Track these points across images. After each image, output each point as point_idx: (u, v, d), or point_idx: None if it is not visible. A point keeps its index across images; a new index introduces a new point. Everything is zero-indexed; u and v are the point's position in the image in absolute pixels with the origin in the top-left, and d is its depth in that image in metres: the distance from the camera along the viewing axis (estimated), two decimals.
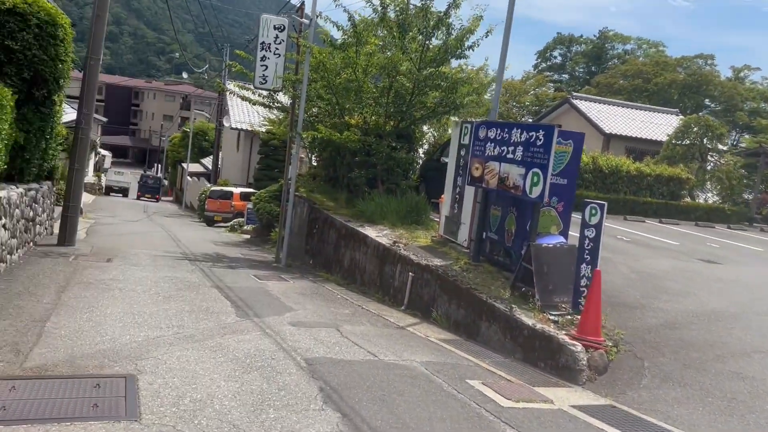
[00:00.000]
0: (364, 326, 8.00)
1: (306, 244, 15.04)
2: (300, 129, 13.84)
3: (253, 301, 9.00)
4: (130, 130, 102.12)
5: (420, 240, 11.19)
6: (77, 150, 13.00)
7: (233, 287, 10.06)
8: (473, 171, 9.55)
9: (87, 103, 13.01)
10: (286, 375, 5.40)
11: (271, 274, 12.28)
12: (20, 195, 10.39)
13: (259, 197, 20.44)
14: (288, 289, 10.52)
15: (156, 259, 12.64)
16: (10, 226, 9.61)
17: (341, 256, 12.59)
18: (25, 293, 7.89)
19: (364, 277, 11.40)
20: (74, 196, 13.08)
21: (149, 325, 6.79)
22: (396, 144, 13.96)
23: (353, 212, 13.60)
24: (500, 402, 5.37)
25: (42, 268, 9.89)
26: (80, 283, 8.97)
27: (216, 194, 28.35)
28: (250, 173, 35.70)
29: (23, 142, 11.68)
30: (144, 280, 9.81)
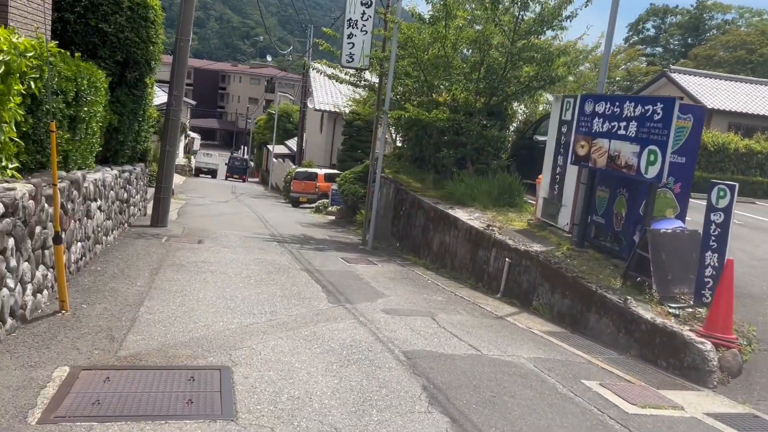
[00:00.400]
0: (460, 315, 7.53)
1: (392, 227, 14.68)
2: (387, 108, 13.41)
3: (343, 285, 8.71)
4: (218, 113, 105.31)
5: (515, 223, 10.56)
6: (168, 132, 13.13)
7: (322, 270, 9.81)
8: (578, 149, 8.81)
9: (177, 85, 13.09)
10: (385, 370, 5.02)
11: (358, 257, 11.99)
12: (114, 177, 10.53)
13: (344, 178, 20.26)
14: (377, 274, 10.18)
15: (245, 240, 12.63)
16: (105, 207, 9.73)
17: (430, 239, 12.14)
18: (120, 275, 7.91)
19: (455, 262, 10.91)
20: (166, 177, 13.24)
21: (242, 311, 6.59)
22: (487, 122, 13.29)
23: (442, 194, 13.09)
24: (624, 407, 4.78)
25: (136, 249, 9.99)
26: (173, 265, 8.95)
27: (301, 175, 28.51)
28: (333, 154, 35.77)
29: (117, 124, 11.85)
30: (235, 262, 9.73)
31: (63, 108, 7.64)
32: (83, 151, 9.12)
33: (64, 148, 7.96)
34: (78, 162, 8.84)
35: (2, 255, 4.83)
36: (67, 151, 8.12)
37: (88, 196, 8.31)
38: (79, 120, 8.46)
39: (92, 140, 9.59)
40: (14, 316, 5.14)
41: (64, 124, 7.84)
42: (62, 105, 7.59)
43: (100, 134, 10.75)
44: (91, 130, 9.37)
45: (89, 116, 9.01)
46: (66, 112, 7.79)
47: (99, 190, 9.12)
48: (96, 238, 8.98)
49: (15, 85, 5.97)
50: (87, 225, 8.29)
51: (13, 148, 6.27)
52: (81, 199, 7.87)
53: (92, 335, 5.24)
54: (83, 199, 8.04)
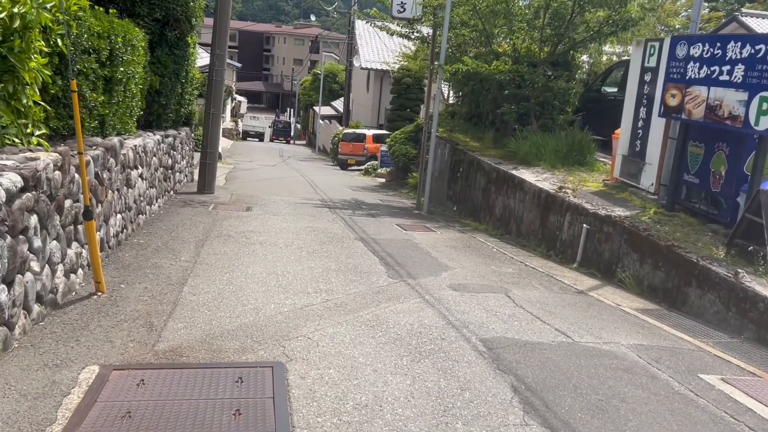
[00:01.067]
0: (537, 291, 6.69)
1: (448, 189, 13.80)
2: (442, 61, 12.39)
3: (402, 256, 7.95)
4: (263, 75, 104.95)
5: (589, 184, 9.55)
6: (212, 93, 12.48)
7: (378, 239, 9.08)
8: (667, 99, 7.71)
9: (220, 43, 12.37)
10: (464, 365, 4.25)
11: (414, 223, 11.21)
12: (157, 142, 9.95)
13: (394, 139, 19.38)
14: (436, 242, 9.38)
15: (295, 207, 11.98)
16: (148, 175, 9.17)
17: (491, 203, 11.23)
18: (164, 249, 7.34)
19: (521, 228, 10.01)
20: (211, 141, 12.65)
21: (295, 290, 5.91)
22: (552, 73, 12.15)
23: (503, 153, 12.11)
24: (760, 411, 3.91)
25: (181, 219, 9.44)
26: (219, 236, 8.35)
27: (349, 137, 27.71)
28: (381, 114, 34.79)
29: (158, 86, 11.24)
30: (285, 231, 9.08)
31: (96, 68, 6.98)
32: (122, 116, 8.52)
33: (99, 112, 7.34)
34: (116, 127, 8.25)
35: (24, 235, 4.22)
36: (103, 116, 7.50)
37: (127, 164, 7.72)
38: (115, 81, 7.82)
39: (131, 103, 8.98)
40: (42, 302, 4.57)
41: (99, 85, 7.20)
42: (95, 65, 6.94)
43: (140, 97, 10.16)
44: (129, 92, 8.76)
45: (127, 77, 8.38)
46: (100, 72, 7.14)
47: (140, 156, 8.54)
48: (138, 208, 8.44)
49: (36, 42, 5.31)
50: (127, 195, 7.72)
51: (39, 114, 5.66)
52: (119, 167, 7.28)
53: (128, 323, 4.63)
54: (122, 168, 7.46)
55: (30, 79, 5.29)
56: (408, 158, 18.40)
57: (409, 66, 17.55)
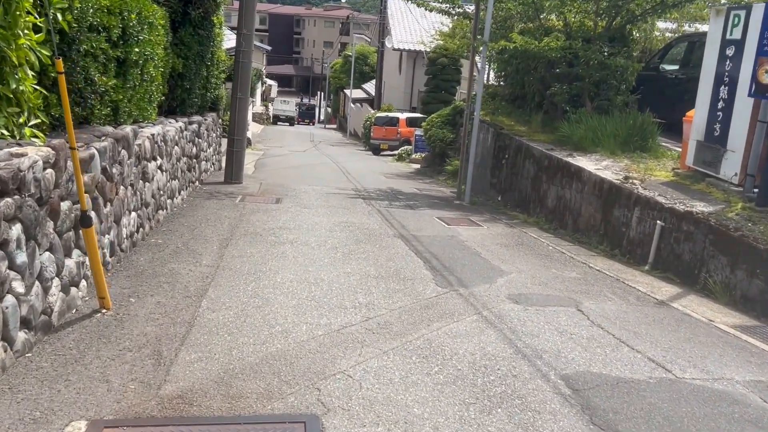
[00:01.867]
0: (611, 302, 5.74)
1: (491, 177, 12.82)
2: (487, 37, 11.35)
3: (448, 258, 7.06)
4: (293, 58, 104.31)
5: (657, 173, 8.50)
6: (239, 76, 11.67)
7: (420, 236, 8.19)
8: (760, 75, 6.62)
9: (246, 23, 11.52)
10: (548, 417, 3.36)
11: (457, 216, 10.28)
12: (179, 130, 9.17)
13: (430, 122, 18.39)
14: (484, 238, 8.46)
15: (328, 198, 11.15)
16: (169, 167, 8.41)
17: (543, 193, 10.23)
18: (183, 250, 6.56)
19: (578, 222, 9.01)
20: (239, 128, 11.87)
21: (330, 304, 5.07)
22: (608, 49, 11.02)
23: (554, 138, 11.07)
24: None
25: (205, 213, 8.67)
26: (246, 234, 7.56)
27: (381, 121, 26.74)
28: (413, 97, 33.73)
29: (181, 69, 10.47)
30: (317, 227, 8.25)
31: (106, 48, 6.18)
32: (139, 101, 7.75)
33: (112, 97, 6.56)
34: (133, 114, 7.48)
35: (2, 250, 3.44)
36: (116, 102, 6.72)
37: (143, 155, 6.95)
38: (129, 63, 7.03)
39: (150, 88, 8.21)
40: (31, 328, 3.81)
41: (110, 68, 6.41)
42: (105, 44, 6.13)
43: (161, 81, 9.40)
44: (148, 75, 7.98)
45: (144, 59, 7.59)
46: (111, 53, 6.34)
47: (158, 146, 7.77)
48: (158, 203, 7.68)
49: (24, 14, 4.51)
50: (144, 190, 6.96)
51: (35, 100, 4.87)
52: (133, 159, 6.50)
53: (133, 352, 3.84)
54: (136, 160, 6.68)
55: (19, 59, 4.50)
56: (445, 143, 17.42)
57: (446, 45, 16.51)
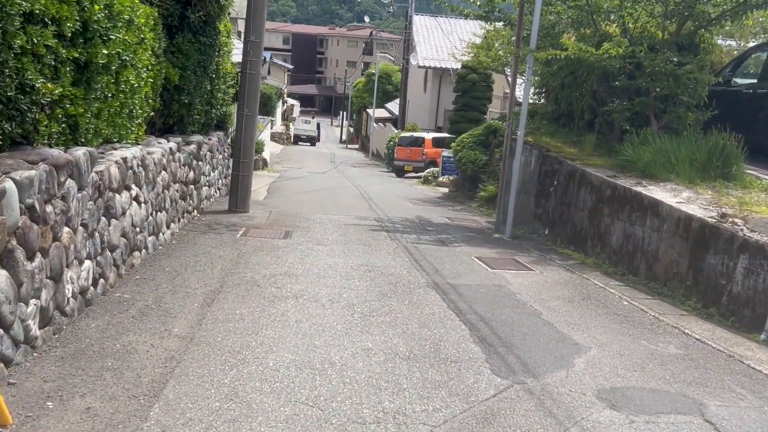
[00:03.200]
0: (744, 402, 4.01)
1: (535, 206, 11.11)
2: (534, 44, 9.71)
3: (501, 321, 5.38)
4: (316, 78, 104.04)
5: (758, 209, 6.74)
6: (246, 90, 10.18)
7: (458, 286, 6.53)
8: None
9: (255, 28, 10.05)
10: None
11: (500, 255, 8.59)
12: (167, 152, 7.66)
13: (460, 143, 16.76)
14: (540, 289, 6.76)
15: (346, 231, 9.54)
16: (151, 197, 6.88)
17: (604, 229, 8.51)
18: (154, 310, 4.98)
19: (655, 268, 7.27)
20: (245, 149, 10.35)
21: (340, 415, 3.43)
22: (678, 58, 9.31)
23: (614, 162, 9.36)
24: None
25: (196, 253, 7.11)
26: (240, 283, 5.97)
27: (406, 141, 25.17)
28: (439, 116, 32.25)
29: (178, 80, 9.03)
30: (331, 273, 6.63)
31: (55, 46, 4.68)
32: (113, 117, 6.28)
33: (68, 111, 5.07)
34: (102, 132, 6.00)
35: None
36: (75, 117, 5.22)
37: (107, 185, 5.41)
38: (95, 68, 5.55)
39: (131, 100, 6.74)
40: None
41: (64, 72, 4.91)
42: (52, 41, 4.64)
43: (152, 93, 7.98)
44: (126, 85, 6.52)
45: (119, 64, 6.12)
46: (64, 53, 4.84)
47: (135, 173, 6.24)
48: (132, 243, 6.13)
49: None
50: (107, 230, 5.41)
51: None
52: (89, 191, 4.96)
53: None
54: (95, 191, 5.15)
55: None
56: (477, 166, 15.75)
57: (478, 58, 14.96)
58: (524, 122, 10.09)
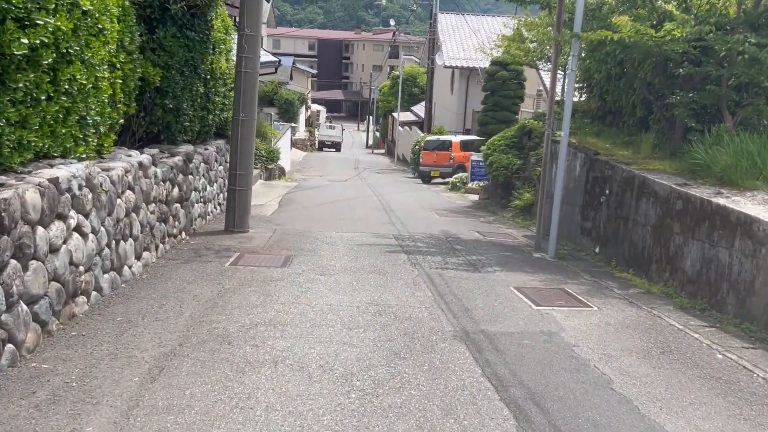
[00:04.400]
0: None
1: (582, 219, 9.49)
2: (579, 26, 8.12)
3: (559, 401, 3.84)
4: (342, 83, 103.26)
5: None
6: (242, 91, 8.79)
7: (495, 335, 5.00)
8: None
9: (249, 20, 8.66)
10: None
11: (545, 283, 7.02)
12: (135, 168, 6.26)
13: (491, 146, 15.17)
14: (603, 337, 5.19)
15: (358, 253, 8.07)
16: (108, 224, 5.50)
17: (675, 250, 6.88)
18: (72, 392, 3.57)
19: (749, 304, 5.63)
20: (242, 160, 8.95)
21: None
22: (756, 39, 7.63)
23: (681, 167, 7.73)
24: None
25: (165, 293, 5.70)
26: (206, 341, 4.53)
27: (432, 145, 23.60)
28: (467, 118, 30.63)
29: (159, 81, 7.72)
30: (329, 320, 5.16)
31: None
32: (53, 125, 4.96)
33: None
34: (31, 146, 4.65)
35: None
36: None
37: (21, 217, 4.03)
38: (8, 61, 4.22)
39: (83, 105, 5.44)
40: None
41: None
42: None
43: (122, 96, 6.69)
44: (73, 85, 5.21)
45: (57, 58, 4.82)
46: None
47: (74, 197, 4.85)
48: (70, 288, 4.74)
49: None
50: (21, 277, 4.02)
51: None
52: None
53: None
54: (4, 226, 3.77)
55: None
56: (510, 171, 14.15)
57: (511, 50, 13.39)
58: (568, 121, 8.48)
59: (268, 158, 18.08)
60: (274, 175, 18.91)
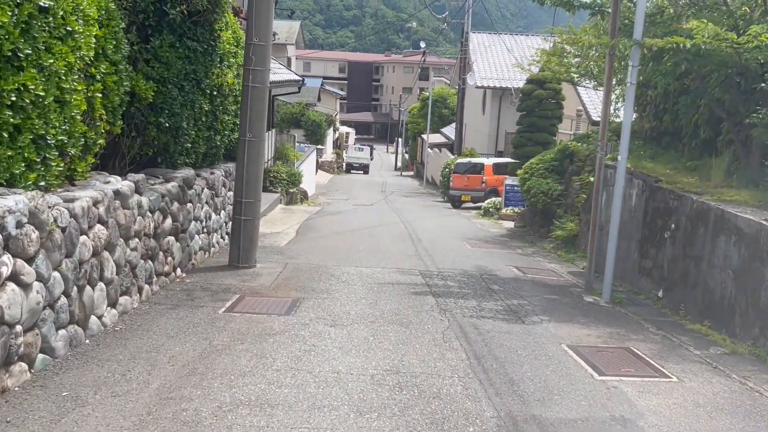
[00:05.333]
0: None
1: (640, 256, 8.18)
2: (640, 33, 6.92)
3: None
4: (372, 105, 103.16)
5: None
6: (249, 108, 7.75)
7: (551, 424, 3.78)
8: None
9: (258, 29, 7.64)
10: None
11: (604, 339, 5.76)
12: (109, 198, 5.21)
13: (528, 170, 13.94)
14: (694, 426, 3.92)
15: (378, 295, 6.91)
16: (67, 267, 4.43)
17: (766, 301, 5.55)
18: None
19: None
20: (248, 186, 7.88)
21: None
22: None
23: (765, 197, 6.43)
24: None
25: (134, 353, 4.59)
26: (168, 431, 3.41)
27: (462, 167, 22.40)
28: (500, 140, 29.44)
29: (152, 97, 6.76)
30: (334, 399, 3.99)
31: None
32: None
33: None
34: None
35: None
36: None
37: None
38: None
39: (39, 122, 4.43)
40: None
41: None
42: None
43: (104, 112, 5.74)
44: (24, 97, 4.22)
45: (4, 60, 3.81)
46: None
47: (9, 238, 3.80)
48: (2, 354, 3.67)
49: None
50: None
51: None
52: None
53: None
54: None
55: None
56: (550, 197, 12.87)
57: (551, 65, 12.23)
58: (627, 143, 7.23)
59: (289, 182, 17.11)
60: (295, 199, 17.91)
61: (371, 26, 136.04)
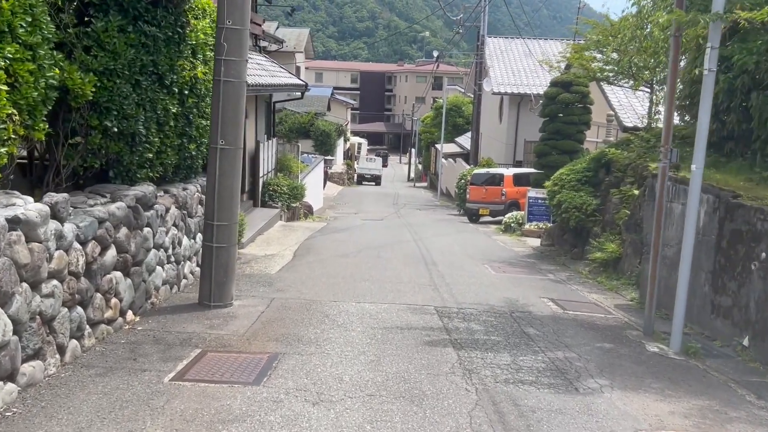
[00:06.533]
0: None
1: (714, 292, 6.50)
2: (722, 6, 5.32)
3: None
4: (385, 115, 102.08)
5: None
6: (221, 106, 6.21)
7: None
8: None
9: (231, 9, 6.09)
10: None
11: (696, 423, 4.13)
12: (3, 226, 3.69)
13: (558, 181, 12.29)
14: None
15: (382, 348, 5.31)
16: None
17: None
18: None
19: None
20: (220, 205, 6.32)
21: None
22: None
23: None
24: None
25: None
26: None
27: (480, 178, 20.77)
28: (518, 149, 27.82)
29: (93, 94, 5.28)
30: None
31: None
32: None
33: None
34: None
35: None
36: None
37: None
38: None
39: None
40: None
41: None
42: None
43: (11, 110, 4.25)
44: None
45: None
46: None
47: None
48: None
49: None
50: None
51: None
52: None
53: None
54: None
55: None
56: (585, 213, 11.20)
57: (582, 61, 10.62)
58: (703, 149, 5.59)
59: (290, 195, 15.58)
60: (297, 214, 16.39)
61: (384, 38, 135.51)
